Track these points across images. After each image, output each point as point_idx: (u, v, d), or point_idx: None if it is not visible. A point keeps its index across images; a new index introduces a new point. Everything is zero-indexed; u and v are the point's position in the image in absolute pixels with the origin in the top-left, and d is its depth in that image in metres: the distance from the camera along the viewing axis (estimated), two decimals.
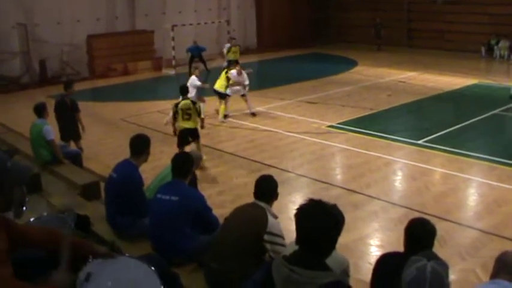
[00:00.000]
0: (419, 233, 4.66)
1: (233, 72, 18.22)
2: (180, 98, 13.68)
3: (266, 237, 5.37)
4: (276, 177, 6.05)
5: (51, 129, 10.84)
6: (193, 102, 13.48)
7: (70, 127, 13.29)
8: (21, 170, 3.73)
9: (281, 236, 5.49)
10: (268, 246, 5.40)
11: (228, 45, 26.46)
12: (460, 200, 11.56)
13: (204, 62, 27.32)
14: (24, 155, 11.26)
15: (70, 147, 12.59)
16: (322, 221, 3.39)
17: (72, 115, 13.21)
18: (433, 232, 4.72)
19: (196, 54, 26.91)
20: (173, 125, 13.64)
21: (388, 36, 34.66)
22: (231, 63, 23.81)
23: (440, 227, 9.81)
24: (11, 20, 25.41)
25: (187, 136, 13.31)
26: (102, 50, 27.97)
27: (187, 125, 13.24)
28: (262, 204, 5.65)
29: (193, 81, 16.66)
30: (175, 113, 13.34)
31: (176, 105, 13.35)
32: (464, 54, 30.12)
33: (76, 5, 27.06)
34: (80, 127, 13.43)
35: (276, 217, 5.67)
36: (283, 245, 5.40)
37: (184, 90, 13.83)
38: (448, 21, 31.95)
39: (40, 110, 10.97)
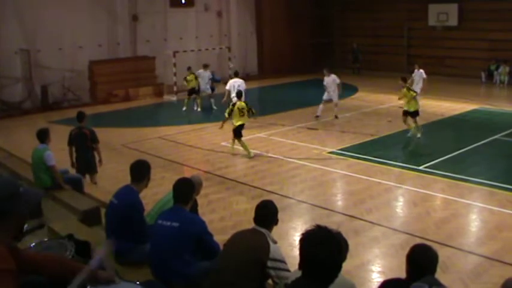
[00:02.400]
0: (421, 260, 4.65)
1: None
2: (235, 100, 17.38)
3: (269, 263, 5.35)
4: (276, 204, 6.03)
5: (53, 155, 10.79)
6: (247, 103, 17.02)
7: (88, 160, 13.02)
8: (32, 196, 3.75)
9: (284, 261, 5.47)
10: (272, 272, 5.39)
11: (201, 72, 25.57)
12: (462, 225, 11.52)
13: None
14: (25, 180, 11.27)
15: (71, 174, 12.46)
16: (327, 248, 3.36)
17: (90, 147, 12.95)
18: (435, 258, 4.70)
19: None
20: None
21: (388, 62, 34.87)
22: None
23: (441, 253, 9.77)
24: (14, 46, 25.58)
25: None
26: (104, 76, 28.11)
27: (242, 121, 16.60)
28: (263, 230, 5.63)
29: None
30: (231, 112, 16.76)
31: (233, 105, 16.87)
32: (464, 79, 30.25)
33: (78, 31, 27.22)
34: (97, 160, 13.22)
35: (275, 242, 5.63)
36: (286, 270, 5.40)
37: (239, 95, 17.36)
38: (447, 47, 32.14)
39: (43, 135, 10.91)
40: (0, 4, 24.82)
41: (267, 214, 5.77)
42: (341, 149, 17.19)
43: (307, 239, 3.44)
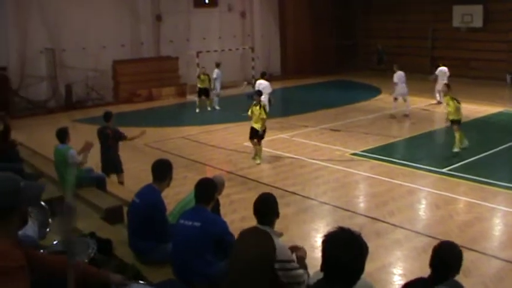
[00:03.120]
0: (447, 256, 4.71)
1: None
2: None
3: (277, 265, 5.21)
4: (299, 205, 6.02)
5: (75, 152, 10.75)
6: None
7: (111, 159, 13.06)
8: (34, 190, 3.79)
9: (291, 260, 5.35)
10: (280, 273, 5.25)
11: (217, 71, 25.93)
12: (485, 229, 11.41)
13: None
14: (48, 178, 11.36)
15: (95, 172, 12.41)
16: (350, 250, 3.34)
17: (112, 146, 13.00)
18: (461, 256, 4.79)
19: None
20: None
21: (411, 63, 34.63)
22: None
23: (464, 256, 9.66)
24: (39, 45, 25.88)
25: None
26: (127, 76, 28.30)
27: None
28: (265, 228, 5.45)
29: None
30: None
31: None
32: (489, 82, 29.93)
33: (102, 31, 27.46)
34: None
35: (280, 235, 5.49)
36: (295, 269, 5.30)
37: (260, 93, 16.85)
38: (472, 49, 31.82)
39: (63, 135, 10.78)
40: (26, 4, 25.11)
41: (267, 211, 5.56)
42: (364, 151, 17.11)
43: (330, 241, 3.41)
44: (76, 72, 26.67)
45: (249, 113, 16.38)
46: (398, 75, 22.22)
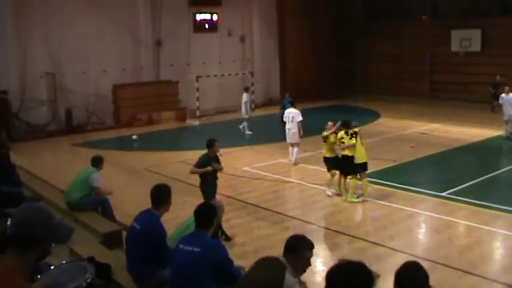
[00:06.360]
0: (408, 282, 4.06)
1: None
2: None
3: None
4: (298, 229, 6.04)
5: (99, 178, 11.41)
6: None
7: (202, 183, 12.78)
8: (65, 230, 3.68)
9: None
10: None
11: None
12: (486, 253, 11.37)
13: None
14: (47, 201, 11.36)
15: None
16: (356, 277, 3.38)
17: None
18: (425, 279, 4.11)
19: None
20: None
21: (410, 87, 34.72)
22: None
23: (465, 281, 9.67)
24: (40, 69, 25.99)
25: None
26: (127, 100, 28.37)
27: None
28: (284, 261, 5.40)
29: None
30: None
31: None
32: (488, 105, 29.96)
33: (102, 55, 27.61)
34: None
35: (296, 278, 5.39)
36: None
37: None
38: (470, 73, 31.91)
39: (96, 161, 11.69)
40: (27, 29, 25.24)
41: (292, 247, 5.56)
42: None
43: (336, 272, 3.44)
44: (76, 96, 26.78)
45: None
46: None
